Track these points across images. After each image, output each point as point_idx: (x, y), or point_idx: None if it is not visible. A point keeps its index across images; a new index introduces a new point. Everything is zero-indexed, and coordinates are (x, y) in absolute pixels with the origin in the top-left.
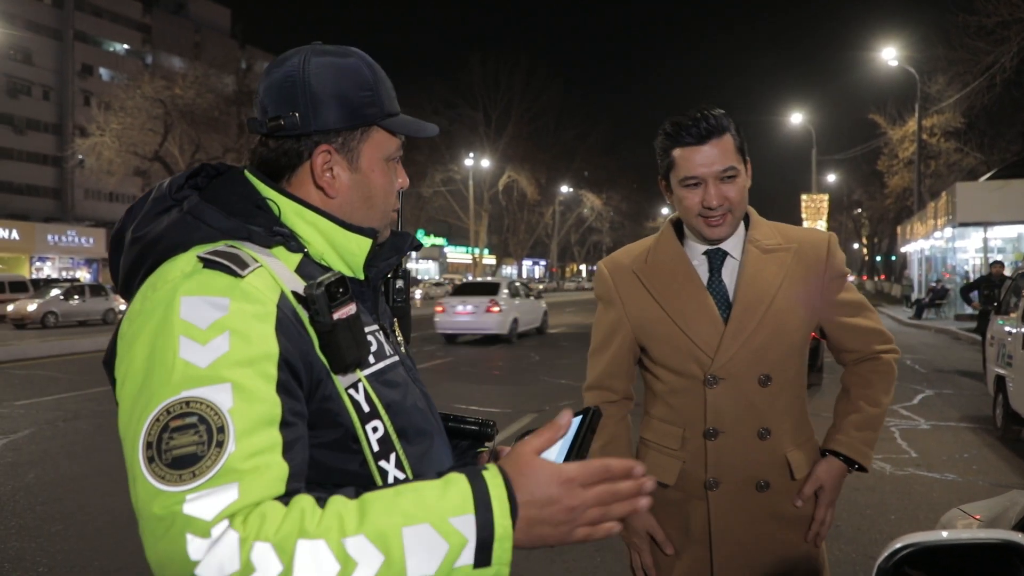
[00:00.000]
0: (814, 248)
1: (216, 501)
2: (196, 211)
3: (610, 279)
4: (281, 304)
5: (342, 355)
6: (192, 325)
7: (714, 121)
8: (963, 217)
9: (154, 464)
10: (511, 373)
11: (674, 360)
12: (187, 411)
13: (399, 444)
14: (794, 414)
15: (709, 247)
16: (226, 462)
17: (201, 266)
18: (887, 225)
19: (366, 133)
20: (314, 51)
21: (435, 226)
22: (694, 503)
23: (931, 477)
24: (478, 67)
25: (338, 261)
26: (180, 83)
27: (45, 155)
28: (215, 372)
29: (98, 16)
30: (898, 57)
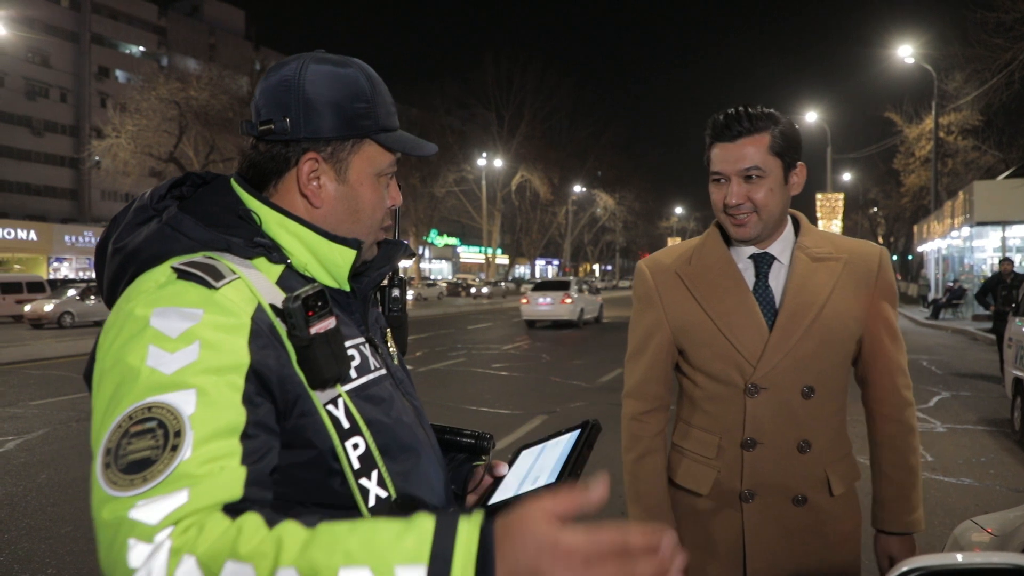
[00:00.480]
0: (865, 260)
1: (164, 506)
2: (174, 222)
3: (651, 279)
4: (256, 317)
5: (320, 370)
6: (162, 334)
7: (748, 121)
8: (981, 216)
9: (109, 470)
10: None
11: (714, 366)
12: (148, 416)
13: (381, 461)
14: (835, 427)
15: (756, 251)
16: (178, 466)
17: (175, 277)
18: (903, 224)
19: (357, 145)
20: (314, 58)
21: (448, 226)
22: (728, 514)
23: (947, 482)
24: (491, 66)
25: (322, 272)
26: (195, 84)
27: (62, 156)
28: (180, 378)
29: (114, 19)
30: (914, 54)
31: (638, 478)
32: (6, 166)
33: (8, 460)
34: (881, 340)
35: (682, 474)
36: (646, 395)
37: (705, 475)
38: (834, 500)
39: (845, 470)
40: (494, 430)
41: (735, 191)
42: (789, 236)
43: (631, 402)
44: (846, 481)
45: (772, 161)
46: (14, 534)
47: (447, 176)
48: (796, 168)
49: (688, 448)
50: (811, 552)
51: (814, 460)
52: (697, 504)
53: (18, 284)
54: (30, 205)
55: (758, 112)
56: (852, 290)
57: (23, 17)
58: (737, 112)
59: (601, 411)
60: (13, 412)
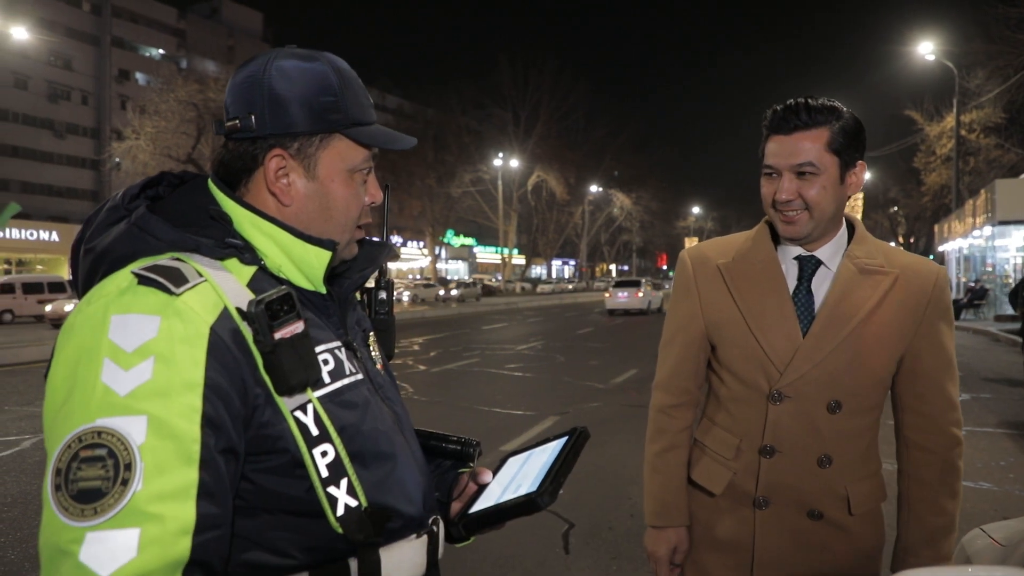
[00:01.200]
0: (920, 278)
1: (115, 553)
2: (142, 222)
3: (691, 270)
4: (217, 325)
5: (285, 376)
6: (118, 347)
7: (807, 114)
8: (1003, 215)
9: (60, 493)
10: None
11: (742, 367)
12: (98, 442)
13: (352, 469)
14: (862, 446)
15: (803, 253)
16: (129, 502)
17: (136, 282)
18: (924, 224)
19: (326, 140)
20: (281, 54)
21: (465, 226)
22: (740, 518)
23: (965, 486)
24: (507, 67)
25: (297, 274)
26: (213, 86)
27: (83, 158)
28: (132, 402)
29: (134, 22)
30: (935, 51)
31: (658, 471)
32: (29, 168)
33: (24, 458)
34: (931, 359)
35: (699, 471)
36: (674, 388)
37: (721, 475)
38: (854, 519)
39: (870, 490)
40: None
41: (786, 187)
42: (841, 241)
43: (659, 394)
44: (869, 501)
45: (828, 158)
46: (27, 532)
47: (463, 176)
48: (855, 167)
49: (708, 445)
50: (824, 569)
51: (835, 476)
52: (710, 503)
53: (40, 284)
54: (52, 206)
55: (818, 105)
56: (899, 308)
57: (45, 21)
58: (796, 104)
59: (614, 412)
60: (31, 411)
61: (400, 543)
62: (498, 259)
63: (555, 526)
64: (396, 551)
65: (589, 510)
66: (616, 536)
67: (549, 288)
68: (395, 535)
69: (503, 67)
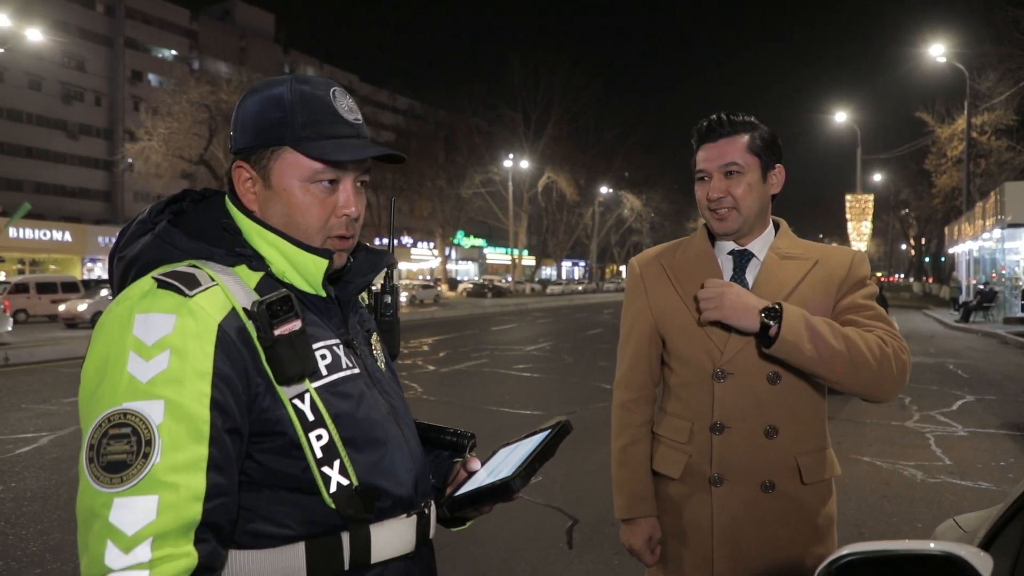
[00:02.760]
0: (837, 259)
1: (137, 515)
2: (164, 235)
3: (638, 270)
4: (225, 323)
5: (284, 368)
6: (140, 342)
7: (729, 124)
8: (1014, 217)
9: (92, 464)
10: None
11: (688, 351)
12: (123, 422)
13: (344, 452)
14: (807, 418)
15: (736, 247)
16: (149, 472)
17: (155, 286)
18: (935, 226)
19: (276, 152)
20: (257, 85)
21: (475, 227)
22: (699, 498)
23: (963, 485)
24: (518, 67)
25: (299, 279)
26: (225, 88)
27: (97, 159)
28: (152, 388)
29: (147, 23)
30: (946, 53)
31: (624, 465)
32: (43, 168)
33: (42, 455)
34: (851, 319)
35: (658, 460)
36: (632, 383)
37: (677, 459)
38: (806, 489)
39: (818, 462)
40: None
41: (716, 186)
42: (769, 237)
43: (619, 391)
44: (820, 471)
45: (750, 159)
46: (46, 525)
47: (474, 177)
48: (774, 169)
49: (663, 434)
50: (780, 540)
51: (782, 447)
52: (670, 489)
53: (53, 284)
54: (65, 207)
55: (738, 118)
56: (820, 287)
57: (59, 22)
58: (719, 117)
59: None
60: (47, 409)
61: (390, 521)
62: (508, 260)
63: (559, 522)
64: (386, 528)
65: (593, 507)
66: (618, 531)
67: (559, 289)
68: (385, 513)
69: (514, 68)
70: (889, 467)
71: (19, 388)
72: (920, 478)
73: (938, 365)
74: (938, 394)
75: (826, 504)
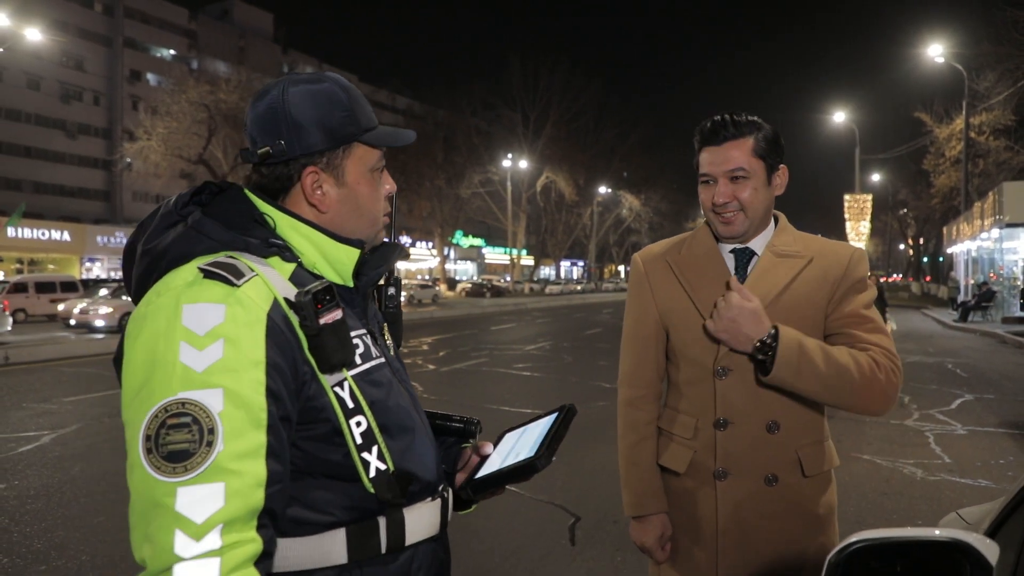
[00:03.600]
0: (835, 256)
1: (204, 503)
2: (199, 225)
3: (642, 267)
4: (272, 312)
5: (328, 356)
6: (191, 332)
7: (734, 127)
8: (1012, 217)
9: (152, 456)
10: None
11: (692, 348)
12: (182, 411)
13: (381, 438)
14: (806, 412)
15: (737, 246)
16: (214, 460)
17: (201, 276)
18: (933, 226)
19: (348, 150)
20: (290, 81)
21: (473, 227)
22: (704, 492)
23: (963, 483)
24: (518, 67)
25: (329, 270)
26: (224, 87)
27: (95, 159)
28: (209, 377)
29: (146, 23)
30: (945, 54)
31: (633, 463)
32: (41, 168)
33: (44, 453)
34: (851, 333)
35: (665, 456)
36: (638, 380)
37: (683, 455)
38: (807, 481)
39: (818, 454)
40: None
41: (722, 191)
42: (770, 234)
43: (624, 389)
44: (821, 464)
45: (756, 163)
46: (50, 523)
47: (472, 177)
48: (778, 170)
49: (670, 431)
50: (784, 531)
51: (784, 441)
52: (676, 484)
53: (52, 284)
54: (64, 206)
55: (743, 119)
56: (815, 282)
57: (57, 22)
58: (723, 119)
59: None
60: (48, 408)
61: (419, 505)
62: (507, 260)
63: (562, 519)
64: (416, 512)
65: (595, 504)
66: (620, 529)
67: (558, 289)
68: (415, 497)
69: (514, 67)
70: (889, 465)
71: (20, 387)
72: (920, 476)
73: (937, 364)
74: (937, 393)
75: (827, 495)
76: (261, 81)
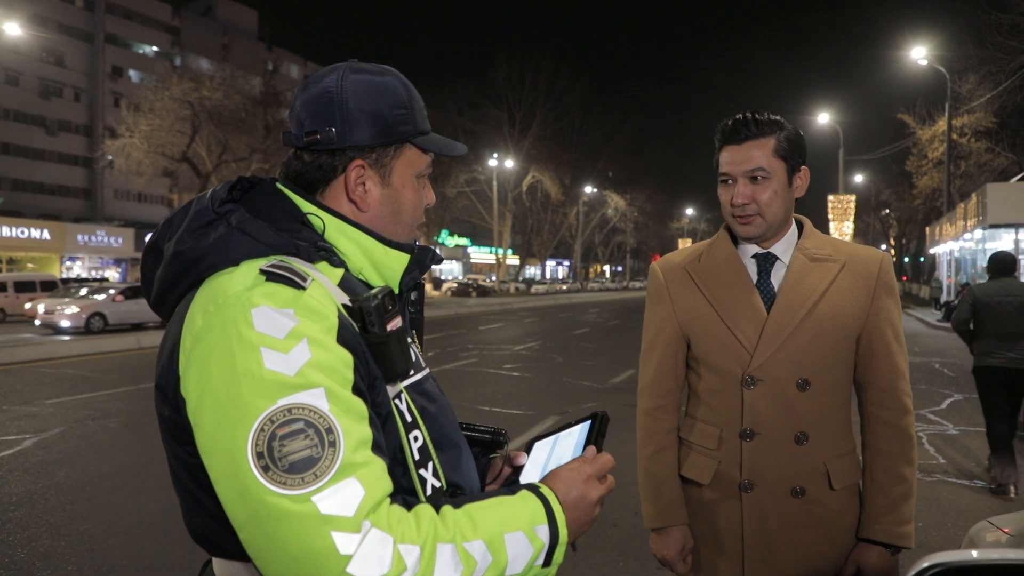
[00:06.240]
0: (866, 263)
1: (348, 498)
2: (245, 226)
3: (662, 277)
4: (340, 316)
5: (393, 364)
6: (269, 336)
7: (755, 126)
8: (994, 218)
9: (271, 472)
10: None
11: (717, 357)
12: (291, 418)
13: (435, 453)
14: (835, 423)
15: (759, 251)
16: (343, 458)
17: (264, 279)
18: (916, 226)
19: (399, 150)
20: (351, 68)
21: (459, 226)
22: (728, 504)
23: (959, 484)
24: (504, 66)
25: (375, 276)
26: (208, 84)
27: (76, 156)
28: (305, 379)
29: (128, 19)
30: (928, 56)
31: (652, 474)
32: (21, 165)
33: (26, 458)
34: (884, 335)
35: (687, 467)
36: (658, 390)
37: (707, 465)
38: (834, 494)
39: (846, 466)
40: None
41: (741, 191)
42: (792, 238)
43: (645, 398)
44: (847, 476)
45: (777, 163)
46: (34, 531)
47: (458, 176)
48: (800, 172)
49: (692, 440)
50: (811, 545)
51: (812, 452)
52: (699, 495)
53: (32, 283)
54: (44, 204)
55: (764, 118)
56: (850, 290)
57: (38, 17)
58: (745, 117)
59: (615, 412)
60: (29, 411)
61: None
62: (492, 259)
63: None
64: None
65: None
66: (622, 533)
67: (543, 289)
68: None
69: (500, 66)
70: None
71: (0, 389)
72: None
73: (924, 364)
74: (927, 393)
75: (855, 508)
76: (245, 78)
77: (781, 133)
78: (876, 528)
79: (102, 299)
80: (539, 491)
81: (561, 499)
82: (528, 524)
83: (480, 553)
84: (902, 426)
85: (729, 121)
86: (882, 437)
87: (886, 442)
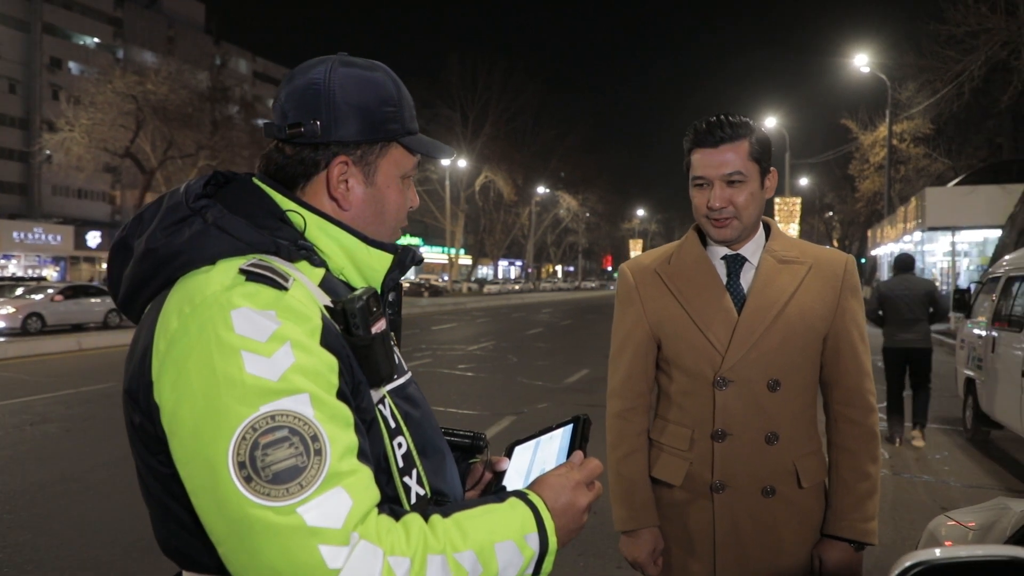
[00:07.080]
0: (832, 265)
1: (335, 509)
2: (223, 223)
3: (632, 279)
4: (323, 318)
5: (377, 368)
6: (251, 339)
7: (730, 129)
8: (932, 221)
9: (254, 483)
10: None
11: (688, 359)
12: (274, 425)
13: (419, 460)
14: (804, 422)
15: (728, 252)
16: (329, 467)
17: (244, 279)
18: (858, 228)
19: (385, 148)
20: (341, 61)
21: (411, 226)
22: (700, 504)
23: (906, 478)
24: (456, 66)
25: (356, 276)
26: (152, 78)
27: (11, 150)
28: (289, 384)
29: (67, 8)
30: (870, 64)
31: (623, 476)
32: None
33: None
34: (850, 336)
35: (658, 468)
36: (629, 392)
37: (678, 467)
38: (803, 492)
39: (815, 464)
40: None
41: (718, 195)
42: (760, 239)
43: (615, 400)
44: (815, 475)
45: (751, 166)
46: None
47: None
48: (770, 173)
49: (663, 442)
50: (782, 544)
51: (782, 452)
52: (671, 496)
53: None
54: None
55: (737, 120)
56: (817, 291)
57: None
58: (719, 119)
59: (569, 411)
60: None
61: None
62: (445, 259)
63: None
64: None
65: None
66: (581, 533)
67: (496, 289)
68: None
69: (452, 66)
70: None
71: None
72: None
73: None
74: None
75: (823, 505)
76: (192, 73)
77: (753, 136)
78: (842, 525)
79: (40, 299)
80: (528, 498)
81: (550, 506)
82: (518, 533)
83: (470, 563)
84: (868, 424)
85: (703, 123)
86: (848, 435)
87: (852, 440)
